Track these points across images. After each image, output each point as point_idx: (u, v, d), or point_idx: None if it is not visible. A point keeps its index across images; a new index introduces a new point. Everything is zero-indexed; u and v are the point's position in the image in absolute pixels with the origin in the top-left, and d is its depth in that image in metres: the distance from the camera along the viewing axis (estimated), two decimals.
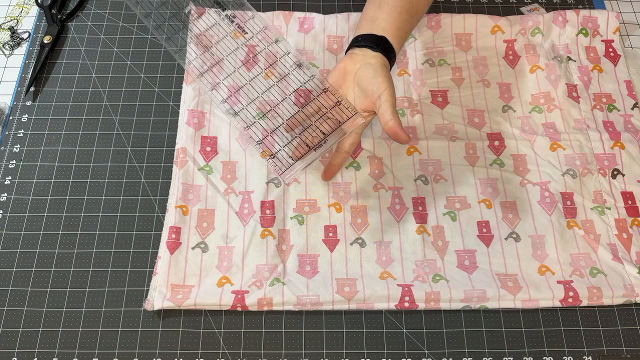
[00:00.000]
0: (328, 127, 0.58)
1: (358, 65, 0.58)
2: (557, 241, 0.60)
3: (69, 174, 0.63)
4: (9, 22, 0.75)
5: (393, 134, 0.55)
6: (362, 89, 0.58)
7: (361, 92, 0.58)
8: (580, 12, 0.73)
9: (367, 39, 0.59)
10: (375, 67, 0.57)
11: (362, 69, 0.58)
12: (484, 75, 0.71)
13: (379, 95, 0.55)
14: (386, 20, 0.59)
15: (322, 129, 0.59)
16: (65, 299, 0.57)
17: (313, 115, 0.60)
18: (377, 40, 0.58)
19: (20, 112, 0.67)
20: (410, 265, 0.59)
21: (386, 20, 0.59)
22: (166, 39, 0.70)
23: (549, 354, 0.56)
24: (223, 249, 0.59)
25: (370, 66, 0.57)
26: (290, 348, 0.55)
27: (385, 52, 0.58)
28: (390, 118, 0.54)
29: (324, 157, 0.64)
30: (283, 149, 0.58)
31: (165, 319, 0.57)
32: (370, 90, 0.57)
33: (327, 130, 0.58)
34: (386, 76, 0.57)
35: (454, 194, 0.63)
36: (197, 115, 0.66)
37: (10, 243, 0.60)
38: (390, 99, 0.55)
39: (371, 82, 0.57)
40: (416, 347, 0.56)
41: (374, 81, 0.56)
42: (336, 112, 0.59)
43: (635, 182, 0.64)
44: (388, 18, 0.59)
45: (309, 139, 0.59)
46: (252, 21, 0.69)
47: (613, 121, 0.68)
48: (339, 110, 0.58)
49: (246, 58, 0.68)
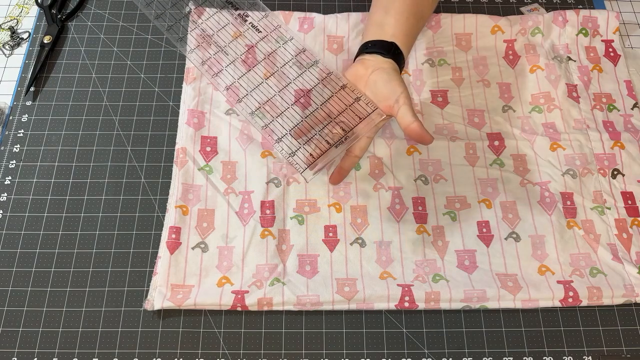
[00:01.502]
0: (348, 124, 0.59)
1: (370, 70, 0.59)
2: (557, 241, 0.60)
3: (69, 174, 0.63)
4: (9, 22, 0.75)
5: (417, 136, 0.55)
6: (376, 93, 0.58)
7: (374, 96, 0.59)
8: (580, 12, 0.73)
9: (377, 45, 0.59)
10: (389, 72, 0.58)
11: (375, 73, 0.58)
12: (484, 75, 0.71)
13: (397, 99, 0.56)
14: (394, 26, 0.60)
15: (342, 125, 0.59)
16: (65, 299, 0.57)
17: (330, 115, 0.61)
18: (387, 47, 0.59)
19: (20, 112, 0.67)
20: (410, 265, 0.59)
21: (394, 26, 0.60)
22: (167, 29, 0.70)
23: (549, 354, 0.56)
24: (223, 249, 0.59)
25: (384, 71, 0.58)
26: (290, 348, 0.56)
27: (395, 58, 0.59)
28: (413, 120, 0.55)
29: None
30: (303, 147, 0.58)
31: (165, 319, 0.57)
32: (385, 94, 0.57)
33: (348, 127, 0.59)
34: (400, 80, 0.57)
35: (454, 194, 0.63)
36: (197, 115, 0.66)
37: (10, 243, 0.60)
38: (409, 102, 0.56)
39: (386, 86, 0.57)
40: (416, 347, 0.56)
41: (389, 85, 0.57)
42: (356, 109, 0.59)
43: (635, 182, 0.64)
44: (396, 24, 0.60)
45: (329, 135, 0.59)
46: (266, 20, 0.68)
47: (613, 121, 0.68)
48: (359, 107, 0.59)
49: (247, 57, 0.68)
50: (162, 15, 0.71)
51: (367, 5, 0.68)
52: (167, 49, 0.72)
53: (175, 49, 0.71)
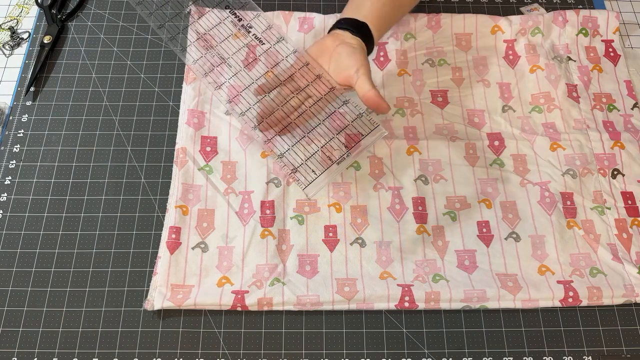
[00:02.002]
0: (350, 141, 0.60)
1: (337, 43, 0.61)
2: (557, 241, 0.60)
3: (69, 174, 0.63)
4: (9, 22, 0.75)
5: (374, 103, 0.57)
6: (339, 64, 0.60)
7: (337, 67, 0.61)
8: (580, 12, 0.73)
9: (349, 23, 0.62)
10: (354, 47, 0.60)
11: (340, 46, 0.60)
12: (484, 75, 0.71)
13: (357, 69, 0.58)
14: (369, 9, 0.62)
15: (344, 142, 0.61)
16: (65, 299, 0.57)
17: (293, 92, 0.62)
18: (358, 25, 0.61)
19: (20, 112, 0.67)
20: (410, 265, 0.59)
21: (370, 9, 0.62)
22: (170, 39, 0.70)
23: (549, 354, 0.56)
24: (223, 249, 0.59)
25: (349, 45, 0.60)
26: (290, 348, 0.55)
27: (364, 38, 0.61)
28: (370, 88, 0.57)
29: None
30: (305, 163, 0.59)
31: (165, 319, 0.57)
32: (346, 65, 0.59)
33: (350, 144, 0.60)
34: (363, 55, 0.60)
35: (454, 194, 0.63)
36: (197, 115, 0.66)
37: (10, 243, 0.60)
38: (367, 73, 0.58)
39: (349, 57, 0.59)
40: (416, 347, 0.56)
41: (352, 57, 0.59)
42: (358, 125, 0.60)
43: (635, 182, 0.64)
44: (372, 7, 0.62)
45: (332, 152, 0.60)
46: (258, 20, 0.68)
47: (613, 121, 0.68)
48: (361, 123, 0.60)
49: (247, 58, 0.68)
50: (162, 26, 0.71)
51: None
52: (167, 49, 0.71)
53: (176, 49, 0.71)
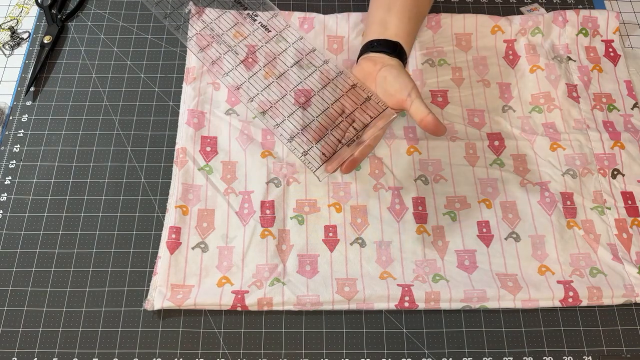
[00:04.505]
0: (360, 123, 0.60)
1: (379, 67, 0.60)
2: (557, 241, 0.60)
3: (69, 174, 0.63)
4: (9, 22, 0.75)
5: (433, 127, 0.56)
6: (387, 88, 0.59)
7: (385, 91, 0.60)
8: (580, 12, 0.73)
9: (383, 44, 0.61)
10: (398, 68, 0.59)
11: (383, 70, 0.59)
12: (484, 75, 0.71)
13: (409, 93, 0.57)
14: (397, 26, 0.61)
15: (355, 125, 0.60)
16: (65, 299, 0.57)
17: (341, 114, 0.62)
18: (392, 46, 0.61)
19: (20, 112, 0.67)
20: (410, 265, 0.59)
21: (397, 25, 0.61)
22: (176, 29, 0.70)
23: (549, 354, 0.56)
24: (223, 249, 0.59)
25: (393, 67, 0.59)
26: (290, 348, 0.55)
27: (399, 57, 0.61)
28: (428, 112, 0.56)
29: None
30: (315, 146, 0.59)
31: (165, 319, 0.57)
32: (396, 88, 0.58)
33: (359, 126, 0.60)
34: (409, 76, 0.59)
35: (454, 194, 0.63)
36: (197, 115, 0.66)
37: (10, 243, 0.60)
38: (420, 96, 0.57)
39: (396, 80, 0.58)
40: (416, 347, 0.56)
41: (399, 80, 0.58)
42: (367, 108, 0.60)
43: (635, 182, 0.64)
44: (399, 23, 0.61)
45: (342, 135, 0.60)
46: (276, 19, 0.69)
47: (613, 121, 0.68)
48: (370, 106, 0.60)
49: (250, 56, 0.68)
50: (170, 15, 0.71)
51: (367, 5, 0.68)
52: (167, 49, 0.72)
53: (176, 49, 0.71)
